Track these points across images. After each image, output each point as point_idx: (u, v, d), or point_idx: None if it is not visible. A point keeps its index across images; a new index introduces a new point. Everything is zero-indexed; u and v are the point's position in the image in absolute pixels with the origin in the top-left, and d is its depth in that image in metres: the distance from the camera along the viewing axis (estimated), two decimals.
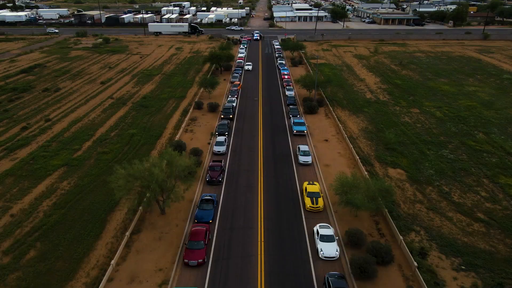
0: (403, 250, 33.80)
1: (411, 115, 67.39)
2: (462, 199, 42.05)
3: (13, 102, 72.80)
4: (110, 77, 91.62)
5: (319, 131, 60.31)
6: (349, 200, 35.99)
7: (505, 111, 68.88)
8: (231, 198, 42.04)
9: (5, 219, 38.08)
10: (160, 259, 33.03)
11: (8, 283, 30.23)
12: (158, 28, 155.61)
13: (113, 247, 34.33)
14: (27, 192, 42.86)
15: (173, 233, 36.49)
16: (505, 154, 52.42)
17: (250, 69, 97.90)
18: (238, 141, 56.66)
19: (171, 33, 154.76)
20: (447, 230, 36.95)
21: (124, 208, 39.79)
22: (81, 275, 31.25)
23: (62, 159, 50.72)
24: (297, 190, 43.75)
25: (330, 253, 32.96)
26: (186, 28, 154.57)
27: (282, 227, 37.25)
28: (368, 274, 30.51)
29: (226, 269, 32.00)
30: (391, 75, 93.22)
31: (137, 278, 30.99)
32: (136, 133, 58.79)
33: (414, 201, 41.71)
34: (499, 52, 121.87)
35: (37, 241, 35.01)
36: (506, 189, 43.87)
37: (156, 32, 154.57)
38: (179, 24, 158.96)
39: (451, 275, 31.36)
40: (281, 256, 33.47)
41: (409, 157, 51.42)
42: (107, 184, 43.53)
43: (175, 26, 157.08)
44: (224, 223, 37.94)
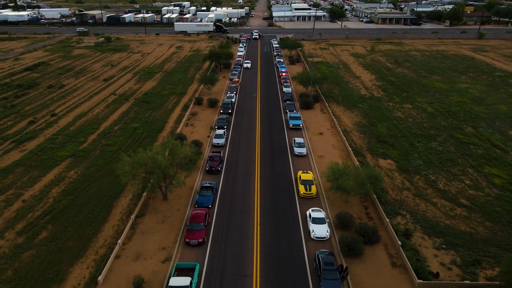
0: (389, 231, 36.34)
1: (403, 110, 69.94)
2: (447, 186, 44.60)
3: (19, 98, 75.32)
4: (113, 75, 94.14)
5: (315, 125, 62.85)
6: (340, 185, 38.53)
7: (494, 107, 71.44)
8: (230, 186, 44.59)
9: (18, 204, 40.62)
10: (163, 240, 35.59)
11: (23, 260, 32.77)
12: (183, 27, 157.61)
13: (119, 229, 36.87)
14: (37, 180, 45.40)
15: (175, 217, 39.02)
16: (491, 146, 54.99)
17: (249, 67, 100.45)
18: (236, 134, 59.21)
19: (196, 32, 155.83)
20: (431, 214, 39.50)
21: (129, 195, 42.34)
22: (90, 252, 33.79)
23: (69, 150, 53.26)
24: (292, 178, 46.30)
25: (321, 234, 35.50)
26: (211, 27, 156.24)
27: (277, 212, 39.79)
28: (355, 252, 33.05)
29: (224, 248, 34.55)
30: (386, 73, 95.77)
31: (142, 255, 33.54)
32: (139, 127, 61.33)
33: (402, 188, 44.27)
34: (493, 50, 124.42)
35: (48, 224, 37.56)
36: (489, 178, 46.43)
37: (182, 31, 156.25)
38: (205, 23, 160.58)
39: (432, 253, 33.92)
40: (276, 237, 36.01)
41: (399, 149, 53.97)
42: (112, 173, 46.30)
43: (200, 25, 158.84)
44: (222, 208, 40.47)
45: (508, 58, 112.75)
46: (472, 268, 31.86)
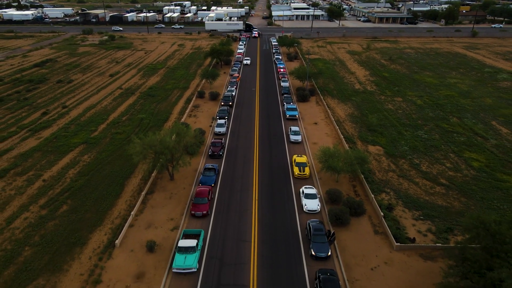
0: (374, 205, 40.53)
1: (394, 103, 74.15)
2: (429, 169, 48.82)
3: (31, 92, 79.51)
4: (118, 71, 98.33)
5: (310, 116, 67.06)
6: (330, 165, 42.72)
7: (480, 100, 75.65)
8: (230, 168, 48.80)
9: (39, 183, 44.81)
10: (171, 212, 39.79)
11: (47, 228, 36.95)
12: (214, 26, 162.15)
13: (132, 203, 41.06)
14: (54, 163, 49.61)
15: (181, 194, 43.22)
16: (473, 134, 59.20)
17: (248, 64, 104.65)
18: (236, 124, 63.40)
19: (226, 31, 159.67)
20: (413, 191, 43.71)
21: (139, 175, 46.56)
22: (106, 222, 37.98)
23: (81, 138, 57.46)
24: (287, 162, 50.50)
25: (312, 207, 39.70)
26: (241, 26, 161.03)
27: (274, 190, 43.98)
28: (342, 221, 37.25)
29: (226, 219, 38.74)
30: (380, 69, 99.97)
31: (153, 225, 37.73)
32: (145, 118, 65.53)
33: (388, 170, 48.47)
34: (485, 48, 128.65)
35: (68, 199, 41.75)
36: (468, 161, 50.64)
37: (212, 29, 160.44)
38: (235, 22, 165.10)
39: (411, 223, 38.13)
40: (272, 210, 40.19)
41: (387, 137, 58.18)
42: (122, 157, 50.60)
43: (230, 24, 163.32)
44: (224, 186, 44.66)
45: (498, 55, 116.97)
46: (445, 235, 36.06)
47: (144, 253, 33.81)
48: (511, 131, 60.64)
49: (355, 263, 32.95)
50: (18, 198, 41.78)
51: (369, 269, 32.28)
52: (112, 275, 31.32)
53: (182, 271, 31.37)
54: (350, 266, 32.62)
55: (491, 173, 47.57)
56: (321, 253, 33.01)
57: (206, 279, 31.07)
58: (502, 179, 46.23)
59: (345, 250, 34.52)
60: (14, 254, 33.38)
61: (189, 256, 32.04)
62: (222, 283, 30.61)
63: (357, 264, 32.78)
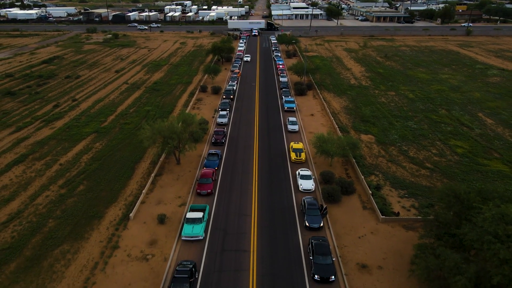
0: (364, 185, 44.41)
1: (387, 96, 78.04)
2: (416, 154, 52.73)
3: (41, 87, 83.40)
4: (123, 67, 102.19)
5: (307, 108, 70.96)
6: (324, 149, 46.62)
7: (469, 94, 79.54)
8: (232, 154, 52.69)
9: (56, 167, 48.70)
10: (179, 191, 43.68)
11: (67, 204, 40.82)
12: (236, 25, 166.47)
13: (142, 184, 44.93)
14: (68, 150, 53.50)
15: (187, 176, 47.11)
16: (459, 125, 63.11)
17: (248, 60, 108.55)
18: (237, 115, 67.29)
19: (248, 29, 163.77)
20: (400, 174, 47.61)
21: (148, 160, 50.45)
22: (120, 200, 41.86)
23: (92, 128, 61.34)
24: (285, 148, 54.41)
25: (307, 187, 43.59)
26: (263, 25, 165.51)
27: (272, 172, 47.85)
28: (334, 198, 41.14)
29: (229, 197, 42.61)
30: (375, 65, 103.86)
31: (162, 201, 41.62)
32: (151, 110, 69.40)
33: (378, 156, 52.37)
34: (478, 46, 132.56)
35: (84, 180, 45.63)
36: (453, 148, 54.54)
37: (235, 28, 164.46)
38: (257, 21, 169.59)
39: (396, 200, 42.02)
40: (271, 189, 44.08)
41: (379, 127, 62.08)
42: (132, 144, 54.54)
43: (253, 23, 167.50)
44: (226, 170, 48.55)
45: (490, 53, 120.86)
46: (426, 210, 39.92)
47: (155, 225, 37.71)
48: (495, 121, 64.55)
49: (344, 232, 36.85)
50: (38, 179, 45.68)
51: (357, 237, 36.17)
52: (128, 242, 35.22)
53: (190, 238, 35.27)
54: (340, 235, 36.52)
55: (473, 158, 51.48)
56: (314, 224, 36.92)
57: (212, 245, 34.97)
58: (483, 164, 50.15)
59: (336, 222, 38.41)
60: (40, 225, 37.28)
61: (196, 226, 35.95)
62: (226, 249, 34.51)
63: (346, 234, 36.68)
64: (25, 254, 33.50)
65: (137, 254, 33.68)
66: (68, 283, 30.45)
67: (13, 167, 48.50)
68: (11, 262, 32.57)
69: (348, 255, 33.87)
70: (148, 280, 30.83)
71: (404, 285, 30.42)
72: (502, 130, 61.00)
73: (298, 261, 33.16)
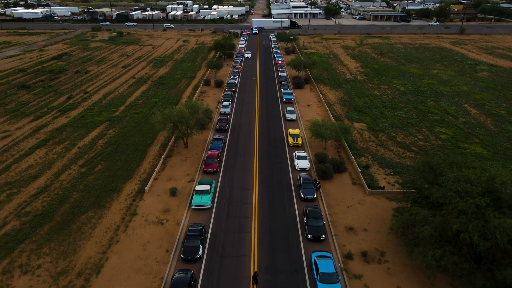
0: (354, 165, 49.26)
1: (380, 89, 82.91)
2: (403, 139, 57.61)
3: (53, 81, 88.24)
4: (129, 63, 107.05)
5: (304, 100, 75.84)
6: (318, 133, 51.49)
7: (457, 87, 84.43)
8: (235, 139, 57.55)
9: (75, 150, 53.56)
10: (187, 170, 48.55)
11: (88, 180, 45.68)
12: (261, 24, 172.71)
13: (154, 164, 49.78)
14: (85, 135, 58.37)
15: (194, 157, 51.97)
16: (445, 114, 67.98)
17: (249, 57, 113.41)
18: (239, 106, 72.15)
19: (272, 28, 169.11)
20: (387, 156, 52.48)
21: (158, 144, 55.32)
22: (135, 177, 46.72)
23: (105, 117, 66.19)
24: (283, 134, 59.29)
25: (303, 166, 48.46)
26: (286, 24, 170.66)
27: (271, 154, 52.70)
28: (327, 175, 46.01)
29: (232, 174, 47.47)
30: (370, 61, 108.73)
31: (173, 178, 46.48)
32: (159, 101, 74.25)
33: (368, 141, 57.23)
34: (471, 44, 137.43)
35: (101, 161, 50.49)
36: (438, 134, 59.41)
37: (259, 27, 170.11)
38: (280, 19, 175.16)
39: (383, 177, 46.88)
40: (270, 168, 48.92)
41: (371, 116, 66.94)
42: (142, 131, 59.42)
43: (276, 21, 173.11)
44: (230, 152, 53.40)
45: (482, 50, 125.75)
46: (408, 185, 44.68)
47: (168, 197, 42.57)
48: (479, 111, 69.44)
49: (335, 203, 41.73)
50: (60, 160, 50.55)
51: (346, 207, 41.05)
52: (145, 210, 40.09)
53: (199, 207, 40.15)
54: (331, 205, 41.39)
55: (455, 143, 56.36)
56: (309, 195, 41.79)
57: (218, 213, 39.84)
58: (463, 147, 55.04)
59: (328, 195, 43.28)
60: (66, 197, 42.15)
61: (204, 196, 40.81)
62: (231, 215, 39.38)
63: (337, 204, 41.56)
64: (55, 219, 38.37)
65: (153, 220, 38.56)
66: (96, 241, 35.32)
67: (36, 150, 53.38)
68: (44, 225, 37.44)
69: (337, 221, 38.75)
70: (164, 239, 35.72)
71: (384, 242, 35.30)
72: (484, 119, 65.89)
73: (294, 225, 38.04)
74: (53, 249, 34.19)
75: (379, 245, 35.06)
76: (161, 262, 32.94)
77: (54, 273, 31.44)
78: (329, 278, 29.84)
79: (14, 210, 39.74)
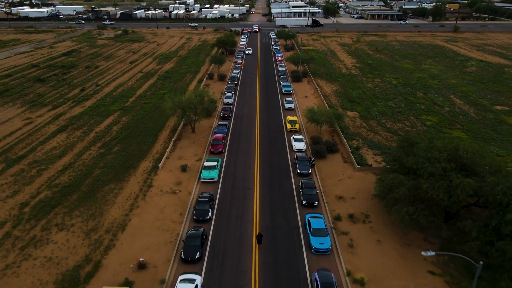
0: (346, 147, 54.66)
1: (373, 82, 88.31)
2: (392, 126, 63.00)
3: (66, 75, 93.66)
4: (136, 59, 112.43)
5: (302, 92, 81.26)
6: (313, 118, 56.92)
7: (446, 81, 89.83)
8: (238, 125, 62.95)
9: (93, 134, 58.98)
10: (195, 151, 53.96)
11: (107, 159, 51.09)
12: (284, 22, 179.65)
13: (165, 146, 55.18)
14: (100, 122, 63.79)
15: (201, 141, 57.39)
16: (432, 104, 73.38)
17: (250, 53, 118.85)
18: (241, 97, 77.55)
19: (295, 26, 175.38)
20: (376, 139, 57.88)
21: (168, 129, 60.75)
22: (149, 156, 52.13)
23: (117, 106, 71.59)
24: (282, 121, 64.69)
25: (299, 147, 53.88)
26: (309, 22, 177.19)
27: (270, 139, 58.11)
28: (321, 155, 51.43)
29: (236, 154, 52.87)
30: (366, 58, 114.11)
31: (183, 158, 51.89)
32: (166, 93, 79.63)
33: (360, 127, 62.63)
34: (463, 41, 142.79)
35: (117, 143, 55.90)
36: (423, 121, 64.82)
37: (282, 25, 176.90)
38: (303, 18, 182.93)
39: (371, 156, 52.27)
40: (270, 150, 54.31)
41: (363, 106, 72.34)
42: (153, 119, 64.86)
43: (299, 20, 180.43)
44: (233, 137, 58.80)
45: (473, 47, 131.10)
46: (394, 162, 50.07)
47: (179, 172, 47.99)
48: (464, 102, 74.84)
49: (327, 177, 47.13)
50: (80, 143, 55.98)
51: (337, 180, 46.47)
52: (160, 182, 45.51)
53: (207, 180, 45.56)
54: (324, 179, 46.80)
55: (438, 128, 61.78)
56: (304, 170, 47.21)
57: (224, 185, 45.26)
58: (446, 132, 60.42)
59: (322, 171, 48.70)
60: (89, 172, 47.56)
61: (212, 171, 46.24)
62: (235, 187, 44.80)
63: (329, 178, 46.96)
64: (82, 189, 43.79)
65: (167, 190, 43.98)
66: (119, 206, 40.73)
67: (57, 134, 58.81)
68: (73, 194, 42.85)
69: (329, 191, 44.17)
70: (178, 205, 41.14)
71: (369, 207, 40.72)
72: (468, 108, 71.30)
73: (291, 195, 43.47)
74: (82, 212, 39.62)
75: (364, 210, 40.48)
76: (176, 222, 38.37)
77: (86, 230, 36.88)
78: (320, 232, 35.25)
79: (45, 182, 45.18)
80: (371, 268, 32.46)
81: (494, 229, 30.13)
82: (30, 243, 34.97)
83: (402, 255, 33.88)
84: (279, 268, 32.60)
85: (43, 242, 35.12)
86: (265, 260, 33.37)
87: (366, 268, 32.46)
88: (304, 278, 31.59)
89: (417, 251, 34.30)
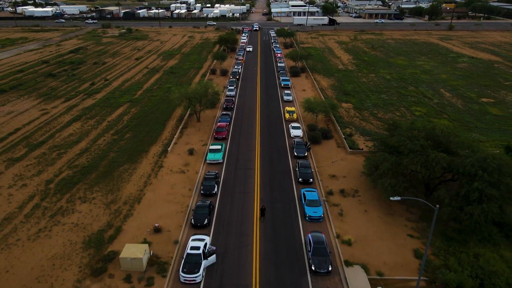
0: (339, 134, 59.30)
1: (368, 77, 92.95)
2: (383, 116, 67.63)
3: (75, 70, 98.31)
4: (141, 56, 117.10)
5: (299, 86, 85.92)
6: (310, 107, 61.58)
7: (437, 76, 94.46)
8: (239, 116, 67.60)
9: (105, 123, 63.65)
10: (201, 137, 58.62)
11: (120, 144, 55.74)
12: (301, 21, 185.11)
13: (173, 133, 59.83)
14: (112, 112, 68.45)
15: (206, 128, 62.05)
16: (422, 97, 78.02)
17: (251, 50, 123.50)
18: (242, 91, 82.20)
19: (312, 24, 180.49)
20: (368, 127, 62.51)
21: (175, 119, 65.42)
22: (158, 142, 56.78)
23: (126, 99, 76.24)
24: (281, 112, 69.33)
25: (297, 133, 58.54)
26: (326, 21, 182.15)
27: (270, 127, 62.74)
28: (316, 140, 56.09)
29: (238, 140, 57.51)
30: (362, 54, 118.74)
31: (189, 143, 56.54)
32: (172, 86, 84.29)
33: (353, 117, 67.27)
34: (457, 39, 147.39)
35: (129, 131, 60.55)
36: (413, 112, 69.46)
37: (299, 24, 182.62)
38: (320, 17, 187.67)
39: (362, 142, 56.91)
40: (270, 137, 58.95)
41: (357, 98, 76.98)
42: (160, 110, 69.48)
43: (317, 19, 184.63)
44: (235, 125, 63.44)
45: (466, 45, 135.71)
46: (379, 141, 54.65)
47: (187, 155, 52.64)
48: (452, 95, 79.46)
49: (322, 160, 51.77)
50: (94, 130, 60.64)
51: (331, 162, 51.11)
52: (169, 164, 50.17)
53: (213, 162, 50.22)
54: (319, 161, 51.43)
55: (426, 118, 66.40)
56: (300, 153, 51.87)
57: (228, 166, 49.91)
58: (432, 121, 64.98)
59: (317, 154, 53.33)
60: (104, 155, 52.22)
61: (216, 154, 50.88)
62: (238, 168, 49.43)
63: (323, 160, 51.60)
64: (100, 170, 48.44)
65: (176, 170, 48.63)
66: (133, 183, 45.38)
67: (72, 123, 63.48)
68: (91, 173, 47.50)
69: (323, 171, 48.81)
70: (187, 182, 45.79)
71: (359, 184, 45.37)
72: (455, 101, 75.94)
73: (288, 174, 48.10)
74: (102, 188, 44.29)
75: (354, 186, 45.12)
76: (186, 196, 43.02)
77: (106, 202, 41.54)
78: (314, 203, 39.88)
79: (66, 163, 49.85)
80: (357, 232, 37.11)
81: (464, 196, 34.75)
82: (58, 212, 39.63)
83: (386, 222, 38.54)
84: (278, 231, 37.25)
85: (69, 212, 39.78)
86: (265, 226, 38.02)
87: (353, 232, 37.10)
88: (299, 239, 36.23)
89: (399, 219, 38.96)
